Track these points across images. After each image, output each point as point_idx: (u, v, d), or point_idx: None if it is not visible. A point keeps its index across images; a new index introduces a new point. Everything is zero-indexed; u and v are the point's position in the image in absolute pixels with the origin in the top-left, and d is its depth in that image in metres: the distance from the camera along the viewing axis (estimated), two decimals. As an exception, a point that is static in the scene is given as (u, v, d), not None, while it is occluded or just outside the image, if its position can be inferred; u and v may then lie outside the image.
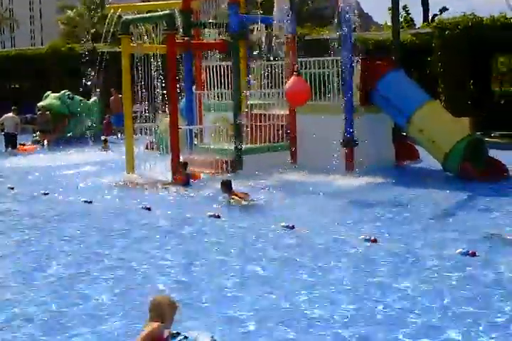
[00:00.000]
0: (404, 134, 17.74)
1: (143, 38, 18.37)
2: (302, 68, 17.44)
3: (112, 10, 20.40)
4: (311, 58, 17.71)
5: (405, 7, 42.08)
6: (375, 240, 9.60)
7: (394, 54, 17.96)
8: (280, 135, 17.64)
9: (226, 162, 16.34)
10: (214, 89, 18.80)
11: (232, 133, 16.80)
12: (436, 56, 25.26)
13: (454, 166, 15.28)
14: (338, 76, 16.89)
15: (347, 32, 16.08)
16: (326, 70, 17.42)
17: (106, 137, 25.47)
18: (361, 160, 15.97)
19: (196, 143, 17.87)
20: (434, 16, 41.42)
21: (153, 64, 17.79)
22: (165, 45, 16.73)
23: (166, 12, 16.86)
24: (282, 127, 17.70)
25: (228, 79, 18.06)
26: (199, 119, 18.88)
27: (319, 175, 15.33)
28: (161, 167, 15.93)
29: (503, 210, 11.85)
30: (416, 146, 17.83)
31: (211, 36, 19.21)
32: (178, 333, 5.56)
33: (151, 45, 18.34)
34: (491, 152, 15.91)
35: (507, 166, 15.52)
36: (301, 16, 42.14)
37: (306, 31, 30.73)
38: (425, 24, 34.14)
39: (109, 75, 24.15)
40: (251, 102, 18.31)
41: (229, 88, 17.93)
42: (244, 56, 18.47)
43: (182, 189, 14.40)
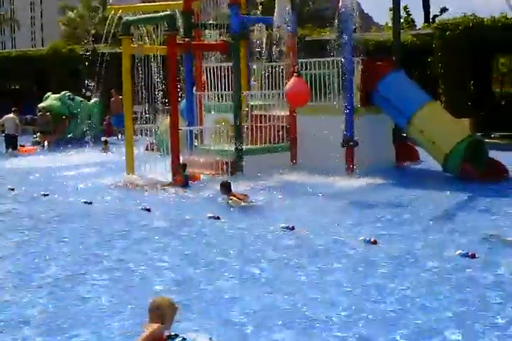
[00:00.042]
0: (404, 135, 17.73)
1: (143, 39, 18.38)
2: (303, 69, 17.45)
3: (113, 11, 20.43)
4: (312, 59, 17.71)
5: (406, 8, 42.06)
6: (375, 241, 9.59)
7: (394, 55, 17.96)
8: (280, 136, 17.63)
9: (226, 163, 16.33)
10: (214, 90, 18.79)
11: (232, 134, 16.79)
12: (436, 57, 25.28)
13: (454, 167, 15.27)
14: (339, 77, 16.88)
15: (347, 33, 16.07)
16: (327, 71, 17.42)
17: (106, 138, 25.49)
18: (361, 161, 15.96)
19: (196, 144, 17.87)
20: (435, 17, 41.43)
21: (153, 65, 17.81)
22: (165, 46, 16.74)
23: (167, 13, 16.86)
24: (283, 128, 17.69)
25: (229, 80, 18.05)
26: (199, 120, 18.88)
27: (319, 176, 15.31)
28: (161, 168, 15.92)
29: (503, 211, 11.84)
30: (416, 147, 17.85)
31: (212, 37, 19.22)
32: (177, 335, 5.54)
33: (152, 46, 18.34)
34: (491, 153, 15.90)
35: (507, 167, 15.50)
36: (301, 17, 42.19)
37: (307, 32, 30.73)
38: (426, 25, 34.13)
39: (109, 76, 24.15)
40: (251, 103, 18.32)
41: (229, 89, 17.92)
42: (244, 57, 18.46)
43: (181, 190, 14.39)
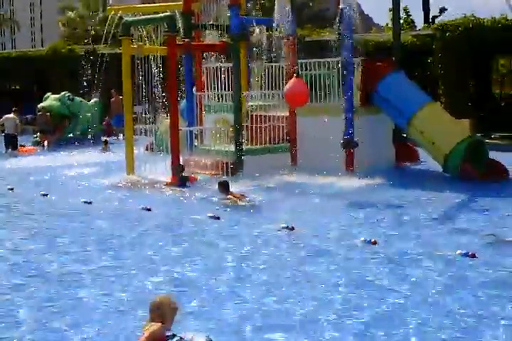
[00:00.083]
0: (404, 135, 17.74)
1: (143, 40, 18.39)
2: (302, 69, 17.46)
3: (113, 11, 20.44)
4: (312, 60, 17.72)
5: (406, 9, 42.04)
6: (376, 242, 9.59)
7: (394, 55, 17.96)
8: (280, 136, 17.63)
9: (226, 163, 16.33)
10: (214, 90, 18.79)
11: (232, 134, 16.79)
12: (436, 57, 25.29)
13: (454, 167, 15.27)
14: (339, 77, 16.89)
15: (347, 33, 16.07)
16: (327, 72, 17.43)
17: (106, 138, 25.49)
18: (361, 161, 15.96)
19: (196, 144, 17.88)
20: (434, 18, 41.44)
21: (153, 65, 17.81)
22: (165, 47, 16.74)
23: (167, 14, 16.87)
24: (283, 128, 17.69)
25: (228, 80, 18.05)
26: (199, 121, 18.88)
27: (319, 177, 15.30)
28: (161, 168, 15.92)
29: (504, 211, 11.83)
30: (416, 148, 17.85)
31: (212, 37, 19.22)
32: (174, 335, 5.56)
33: (152, 47, 18.35)
34: (491, 153, 15.90)
35: (507, 167, 15.50)
36: (301, 18, 42.21)
37: (307, 32, 30.73)
38: (426, 25, 34.14)
39: (109, 76, 24.15)
40: (250, 103, 18.33)
41: (229, 89, 17.93)
42: (244, 57, 18.46)
43: (182, 190, 14.40)
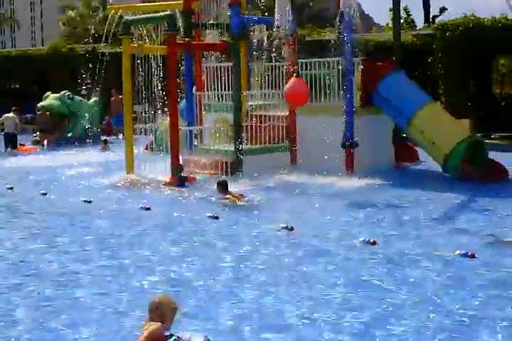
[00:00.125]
0: (404, 135, 17.73)
1: (144, 39, 18.37)
2: (303, 69, 17.45)
3: (113, 10, 20.42)
4: (312, 59, 17.71)
5: (406, 8, 42.03)
6: (375, 242, 9.58)
7: (395, 55, 17.95)
8: (280, 136, 17.63)
9: (226, 163, 16.33)
10: (214, 90, 18.78)
11: (232, 134, 16.78)
12: (436, 57, 25.26)
13: (454, 167, 15.26)
14: (339, 77, 16.87)
15: (348, 33, 16.05)
16: (327, 71, 17.42)
17: (106, 137, 25.47)
18: (361, 161, 15.95)
19: (196, 144, 17.87)
20: (435, 17, 41.44)
21: (153, 65, 17.80)
22: (165, 46, 16.73)
23: (167, 13, 16.85)
24: (282, 128, 17.68)
25: (228, 80, 18.05)
26: (199, 120, 18.87)
27: (319, 177, 15.30)
28: (161, 167, 15.92)
29: (503, 212, 11.83)
30: (416, 148, 17.84)
31: (213, 36, 19.21)
32: (172, 335, 5.55)
33: (152, 46, 18.34)
34: (491, 154, 15.89)
35: (507, 168, 15.48)
36: (302, 17, 42.22)
37: (307, 32, 30.71)
38: (426, 25, 34.13)
39: (109, 76, 24.13)
40: (251, 103, 18.32)
41: (229, 89, 17.92)
42: (244, 57, 18.45)
43: (180, 190, 14.40)
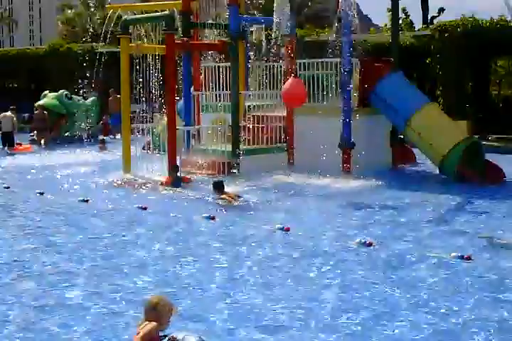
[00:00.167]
0: (401, 137, 17.72)
1: (142, 38, 18.36)
2: (301, 69, 17.45)
3: (112, 10, 20.40)
4: (310, 60, 17.71)
5: (404, 9, 42.06)
6: (371, 243, 9.57)
7: (393, 56, 17.93)
8: (278, 136, 17.62)
9: (223, 163, 16.31)
10: (212, 90, 18.77)
11: (229, 134, 16.77)
12: (435, 58, 25.26)
13: (451, 169, 15.25)
14: (337, 78, 16.87)
15: (346, 34, 16.04)
16: (325, 72, 17.42)
17: (103, 137, 25.46)
18: (358, 162, 15.93)
19: (193, 144, 17.85)
20: (433, 18, 41.48)
21: (151, 64, 17.78)
22: (164, 46, 16.71)
23: (166, 13, 16.84)
24: (280, 128, 17.68)
25: (226, 80, 18.04)
26: (197, 120, 18.86)
27: (316, 177, 15.30)
28: (158, 167, 15.91)
29: (499, 214, 11.84)
30: (413, 149, 17.84)
31: (212, 37, 19.22)
32: (165, 336, 5.54)
33: (150, 46, 18.32)
34: (488, 155, 15.88)
35: (503, 170, 15.48)
36: (300, 18, 42.20)
37: (304, 32, 30.69)
38: (424, 26, 34.15)
39: (107, 75, 24.10)
40: (249, 104, 18.32)
41: (227, 89, 17.92)
42: (243, 57, 18.44)
43: (176, 190, 14.38)
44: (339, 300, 7.34)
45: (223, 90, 18.37)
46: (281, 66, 18.18)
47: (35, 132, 26.41)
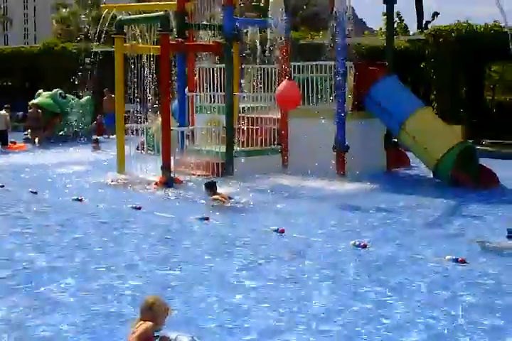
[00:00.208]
0: (395, 140, 17.75)
1: (137, 39, 18.35)
2: (295, 72, 17.47)
3: (107, 10, 20.39)
4: (305, 62, 17.73)
5: (398, 14, 42.13)
6: (366, 245, 9.58)
7: (387, 60, 17.96)
8: (272, 138, 17.63)
9: (217, 164, 16.32)
10: (206, 91, 18.77)
11: (224, 135, 16.77)
12: (429, 63, 25.32)
13: (445, 173, 15.28)
14: (332, 81, 16.90)
15: (341, 37, 16.05)
16: (319, 75, 17.45)
17: (97, 137, 25.43)
18: (353, 165, 15.94)
19: (187, 144, 17.85)
20: (427, 23, 41.50)
21: (146, 64, 17.78)
22: (158, 46, 16.70)
23: (161, 13, 16.82)
24: (274, 131, 17.69)
25: (221, 81, 18.05)
26: (191, 121, 18.85)
27: (310, 180, 15.32)
28: (152, 168, 15.90)
29: (493, 218, 11.84)
30: (407, 152, 17.88)
31: (206, 38, 19.22)
32: (157, 336, 5.56)
33: (145, 46, 18.31)
34: (482, 160, 15.92)
35: (497, 174, 15.52)
36: (295, 20, 42.23)
37: (301, 35, 30.73)
38: (419, 31, 34.25)
39: (101, 74, 24.09)
40: (243, 105, 18.33)
41: (221, 90, 17.92)
42: (237, 59, 18.44)
43: (169, 190, 14.38)
44: (329, 301, 7.33)
45: (217, 91, 18.39)
46: (275, 68, 18.16)
47: (29, 131, 26.37)
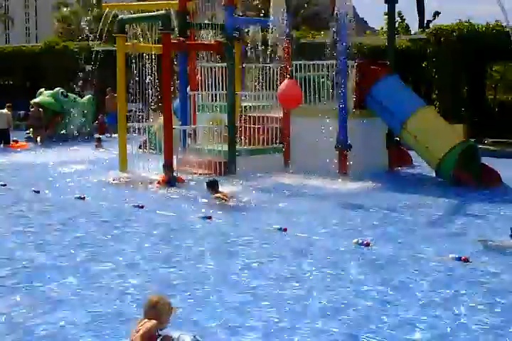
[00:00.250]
0: (397, 139, 17.75)
1: (138, 38, 18.35)
2: (297, 71, 17.48)
3: (108, 9, 20.38)
4: (306, 61, 17.73)
5: (400, 13, 42.10)
6: (369, 244, 9.58)
7: (389, 59, 17.96)
8: (274, 137, 17.64)
9: (219, 163, 16.33)
10: (208, 90, 18.77)
11: (226, 134, 16.78)
12: (431, 62, 25.31)
13: (447, 172, 15.29)
14: (333, 80, 16.90)
15: (342, 36, 16.05)
16: (321, 74, 17.45)
17: (99, 135, 25.44)
18: (354, 164, 15.94)
19: (189, 143, 17.85)
20: (429, 22, 41.45)
21: (147, 63, 17.78)
22: (160, 45, 16.71)
23: (162, 12, 16.83)
24: (276, 129, 17.69)
25: (223, 80, 18.05)
26: (193, 120, 18.86)
27: (312, 179, 15.31)
28: (154, 166, 15.91)
29: (496, 217, 11.86)
30: (409, 151, 17.88)
31: (209, 36, 19.23)
32: (159, 335, 5.57)
33: (146, 45, 18.31)
34: (484, 159, 15.93)
35: (499, 173, 15.52)
36: (297, 19, 42.23)
37: (302, 34, 30.71)
38: (420, 30, 34.24)
39: (103, 73, 24.11)
40: (244, 104, 18.33)
41: (223, 89, 17.92)
42: (238, 58, 18.45)
43: (172, 189, 14.38)
44: (334, 300, 7.34)
45: (219, 90, 18.39)
46: (277, 67, 18.16)
47: (31, 129, 26.38)
